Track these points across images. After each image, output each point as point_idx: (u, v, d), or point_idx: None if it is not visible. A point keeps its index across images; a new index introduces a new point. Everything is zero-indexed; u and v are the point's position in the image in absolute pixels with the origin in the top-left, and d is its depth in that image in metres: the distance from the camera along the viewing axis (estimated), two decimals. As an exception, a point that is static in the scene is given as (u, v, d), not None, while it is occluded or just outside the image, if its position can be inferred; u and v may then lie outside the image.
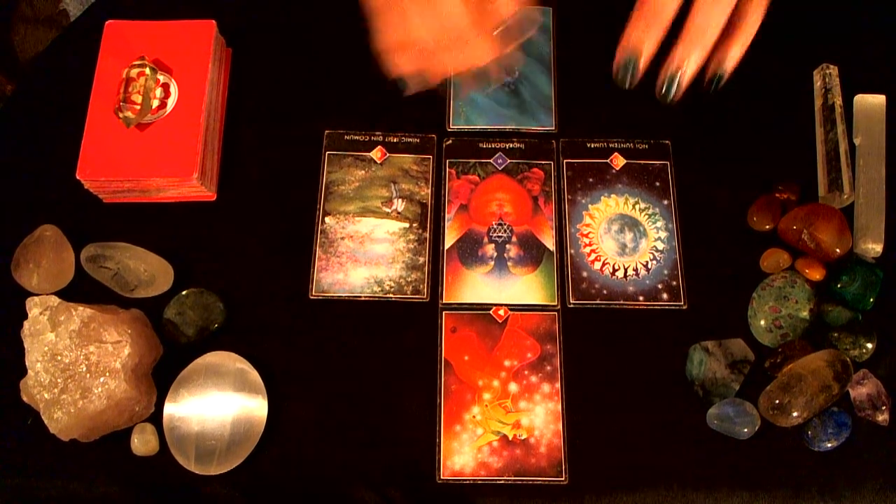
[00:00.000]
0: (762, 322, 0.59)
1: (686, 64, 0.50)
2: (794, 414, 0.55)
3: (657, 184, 0.65)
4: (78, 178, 0.61)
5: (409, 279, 0.62)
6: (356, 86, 0.68)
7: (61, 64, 0.70)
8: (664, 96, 0.51)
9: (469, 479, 0.57)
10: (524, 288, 0.62)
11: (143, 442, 0.57)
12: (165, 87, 0.63)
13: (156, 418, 0.58)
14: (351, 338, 0.60)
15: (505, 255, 0.63)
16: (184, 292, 0.60)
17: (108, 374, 0.54)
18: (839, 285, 0.59)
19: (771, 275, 0.61)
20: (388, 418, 0.58)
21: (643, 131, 0.67)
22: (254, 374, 0.58)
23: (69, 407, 0.54)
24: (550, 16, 0.71)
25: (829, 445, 0.56)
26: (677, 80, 0.51)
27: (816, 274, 0.60)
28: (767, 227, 0.63)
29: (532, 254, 0.63)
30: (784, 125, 0.67)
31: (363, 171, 0.65)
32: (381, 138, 0.67)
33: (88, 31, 0.68)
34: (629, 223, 0.64)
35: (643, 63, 0.50)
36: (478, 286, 0.62)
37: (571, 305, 0.61)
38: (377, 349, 0.60)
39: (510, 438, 0.57)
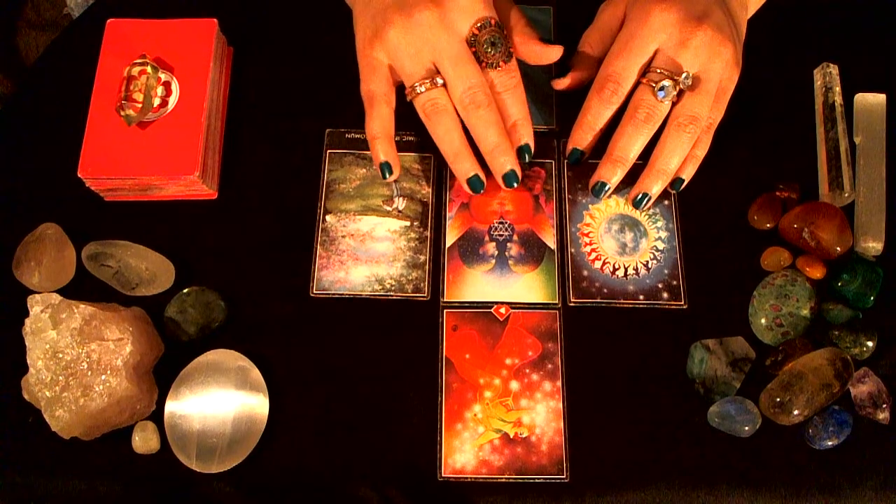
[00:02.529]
0: (763, 320, 0.59)
1: (652, 190, 0.61)
2: (795, 412, 0.55)
3: (658, 182, 0.65)
4: (79, 176, 0.61)
5: (410, 277, 0.62)
6: (357, 84, 0.68)
7: (63, 62, 0.70)
8: (636, 207, 0.62)
9: (470, 477, 0.57)
10: (525, 286, 0.62)
11: (144, 440, 0.57)
12: (167, 85, 0.64)
13: (157, 416, 0.58)
14: (352, 336, 0.60)
15: (506, 253, 0.63)
16: (185, 290, 0.60)
17: (109, 371, 0.54)
18: (840, 283, 0.59)
19: (771, 273, 0.61)
20: (389, 416, 0.58)
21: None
22: (255, 372, 0.58)
23: (70, 405, 0.54)
24: (550, 16, 0.71)
25: (830, 444, 0.56)
26: (646, 199, 0.62)
27: (817, 272, 0.60)
28: (768, 225, 0.63)
29: (533, 252, 0.63)
30: (784, 124, 0.67)
31: (364, 170, 0.65)
32: (382, 137, 0.67)
33: (90, 29, 0.68)
34: (629, 223, 0.64)
35: (587, 153, 0.63)
36: (479, 284, 0.62)
37: (572, 304, 0.61)
38: (378, 347, 0.60)
39: (511, 436, 0.57)
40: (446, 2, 0.57)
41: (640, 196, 0.61)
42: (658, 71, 0.58)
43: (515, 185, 0.61)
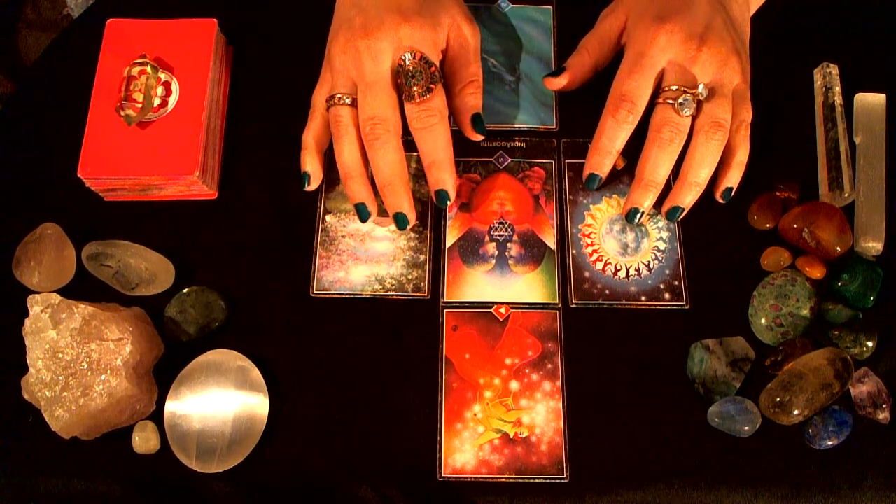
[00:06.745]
0: (763, 320, 0.59)
1: (685, 202, 0.61)
2: (795, 412, 0.55)
3: (658, 183, 0.65)
4: (79, 176, 0.61)
5: (410, 277, 0.62)
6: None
7: (62, 62, 0.70)
8: (669, 219, 0.62)
9: (470, 477, 0.57)
10: (525, 286, 0.62)
11: (144, 440, 0.57)
12: (167, 85, 0.64)
13: (157, 416, 0.58)
14: (352, 336, 0.60)
15: (506, 253, 0.63)
16: (185, 290, 0.60)
17: (109, 371, 0.54)
18: (840, 283, 0.59)
19: (772, 273, 0.61)
20: (389, 416, 0.58)
21: (645, 131, 0.66)
22: (255, 372, 0.58)
23: (70, 405, 0.54)
24: (551, 15, 0.71)
25: (830, 444, 0.56)
26: (679, 212, 0.62)
27: (817, 272, 0.60)
28: (768, 225, 0.63)
29: (533, 252, 0.63)
30: (784, 124, 0.67)
31: (364, 170, 0.65)
32: (382, 137, 0.66)
33: (90, 29, 0.68)
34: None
35: (604, 177, 0.63)
36: (479, 284, 0.62)
37: (574, 306, 0.61)
38: (378, 347, 0.60)
39: (511, 436, 0.57)
40: (384, 27, 0.57)
41: (672, 209, 0.61)
42: (674, 87, 0.58)
43: (408, 226, 0.60)
